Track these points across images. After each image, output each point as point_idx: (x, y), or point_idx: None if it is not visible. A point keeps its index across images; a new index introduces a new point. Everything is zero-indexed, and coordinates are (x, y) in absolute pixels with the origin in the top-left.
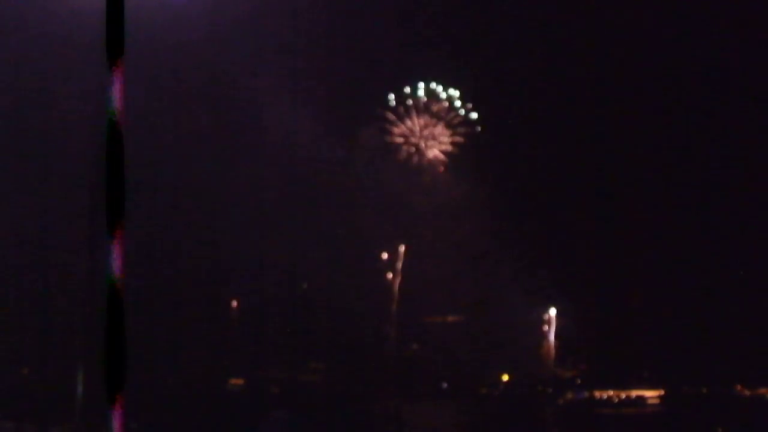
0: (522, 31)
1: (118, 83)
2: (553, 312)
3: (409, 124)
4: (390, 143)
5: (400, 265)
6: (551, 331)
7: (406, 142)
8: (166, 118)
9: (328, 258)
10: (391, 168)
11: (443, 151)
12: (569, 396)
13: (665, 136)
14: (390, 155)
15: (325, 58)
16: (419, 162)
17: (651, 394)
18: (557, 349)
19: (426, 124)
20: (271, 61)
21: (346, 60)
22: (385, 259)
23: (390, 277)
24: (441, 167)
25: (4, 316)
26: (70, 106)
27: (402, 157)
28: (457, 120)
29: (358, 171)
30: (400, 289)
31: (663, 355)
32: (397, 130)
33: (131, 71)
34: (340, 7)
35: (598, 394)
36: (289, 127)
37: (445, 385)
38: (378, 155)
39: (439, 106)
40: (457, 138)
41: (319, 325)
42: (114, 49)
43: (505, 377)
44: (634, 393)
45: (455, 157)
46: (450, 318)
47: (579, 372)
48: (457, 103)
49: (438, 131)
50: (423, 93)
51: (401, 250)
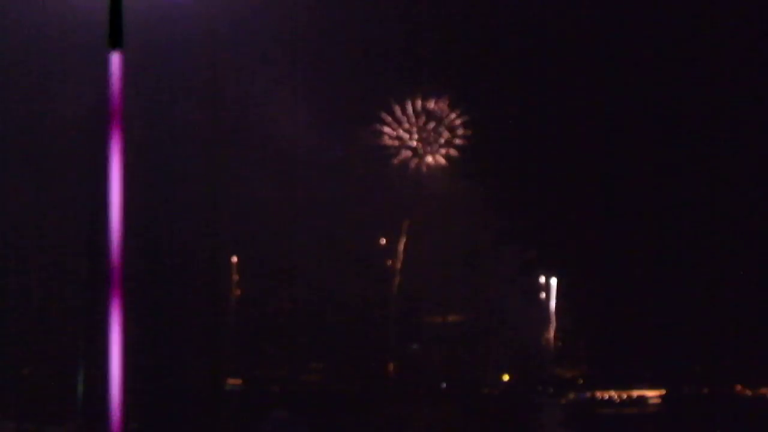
0: (522, 31)
1: (117, 80)
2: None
3: (407, 126)
4: (389, 144)
5: (399, 265)
6: (551, 331)
7: (405, 143)
8: (165, 116)
9: (328, 258)
10: (390, 168)
11: (442, 153)
12: (571, 396)
13: (665, 137)
14: (390, 156)
15: (325, 58)
16: (418, 163)
17: (652, 394)
18: (558, 349)
19: (425, 126)
20: (271, 61)
21: (346, 60)
22: (386, 261)
23: (389, 267)
24: (440, 168)
25: (5, 316)
26: (70, 106)
27: (401, 159)
28: (457, 121)
29: (357, 171)
30: (399, 289)
31: (664, 356)
32: (395, 131)
33: (131, 71)
34: (340, 8)
35: (599, 395)
36: (290, 127)
37: (444, 385)
38: (377, 156)
39: (439, 107)
40: (456, 139)
41: (319, 325)
42: (114, 43)
43: (505, 377)
44: (636, 393)
45: (455, 158)
46: (450, 318)
47: (580, 372)
48: (457, 105)
49: (437, 133)
50: (422, 95)
51: (401, 250)
